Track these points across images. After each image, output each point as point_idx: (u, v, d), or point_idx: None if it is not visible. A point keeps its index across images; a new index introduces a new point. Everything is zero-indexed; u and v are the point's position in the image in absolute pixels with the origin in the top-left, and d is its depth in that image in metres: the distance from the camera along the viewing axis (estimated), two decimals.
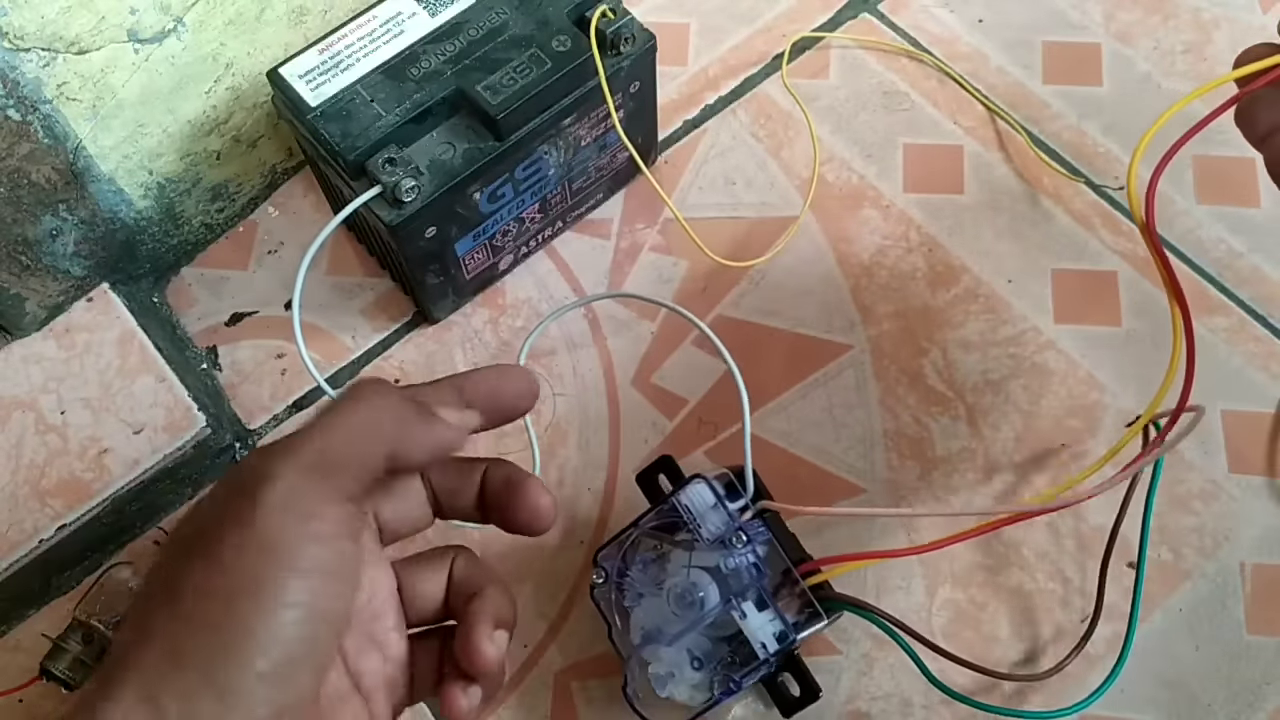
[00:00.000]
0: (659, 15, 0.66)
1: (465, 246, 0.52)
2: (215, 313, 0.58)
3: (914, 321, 0.55)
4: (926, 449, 0.52)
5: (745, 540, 0.42)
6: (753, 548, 0.43)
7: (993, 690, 0.47)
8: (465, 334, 0.57)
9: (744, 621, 0.42)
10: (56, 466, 0.51)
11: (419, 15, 0.51)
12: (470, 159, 0.48)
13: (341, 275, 0.59)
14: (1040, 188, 0.59)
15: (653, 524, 0.45)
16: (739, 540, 0.42)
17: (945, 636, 0.48)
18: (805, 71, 0.63)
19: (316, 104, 0.49)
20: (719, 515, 0.43)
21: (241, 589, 0.26)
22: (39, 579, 0.51)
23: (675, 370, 0.55)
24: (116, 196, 0.54)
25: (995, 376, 0.54)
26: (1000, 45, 0.63)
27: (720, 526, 0.43)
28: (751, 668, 0.42)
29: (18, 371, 0.53)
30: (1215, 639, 0.47)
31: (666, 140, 0.61)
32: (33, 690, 0.48)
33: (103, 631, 0.48)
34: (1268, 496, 0.50)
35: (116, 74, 0.49)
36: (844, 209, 0.59)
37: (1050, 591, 0.49)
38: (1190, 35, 0.63)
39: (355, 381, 0.32)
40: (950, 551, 0.49)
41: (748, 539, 0.42)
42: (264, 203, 0.61)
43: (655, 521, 0.45)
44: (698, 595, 0.42)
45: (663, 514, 0.44)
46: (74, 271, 0.54)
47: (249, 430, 0.55)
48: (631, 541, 0.45)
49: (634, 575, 0.45)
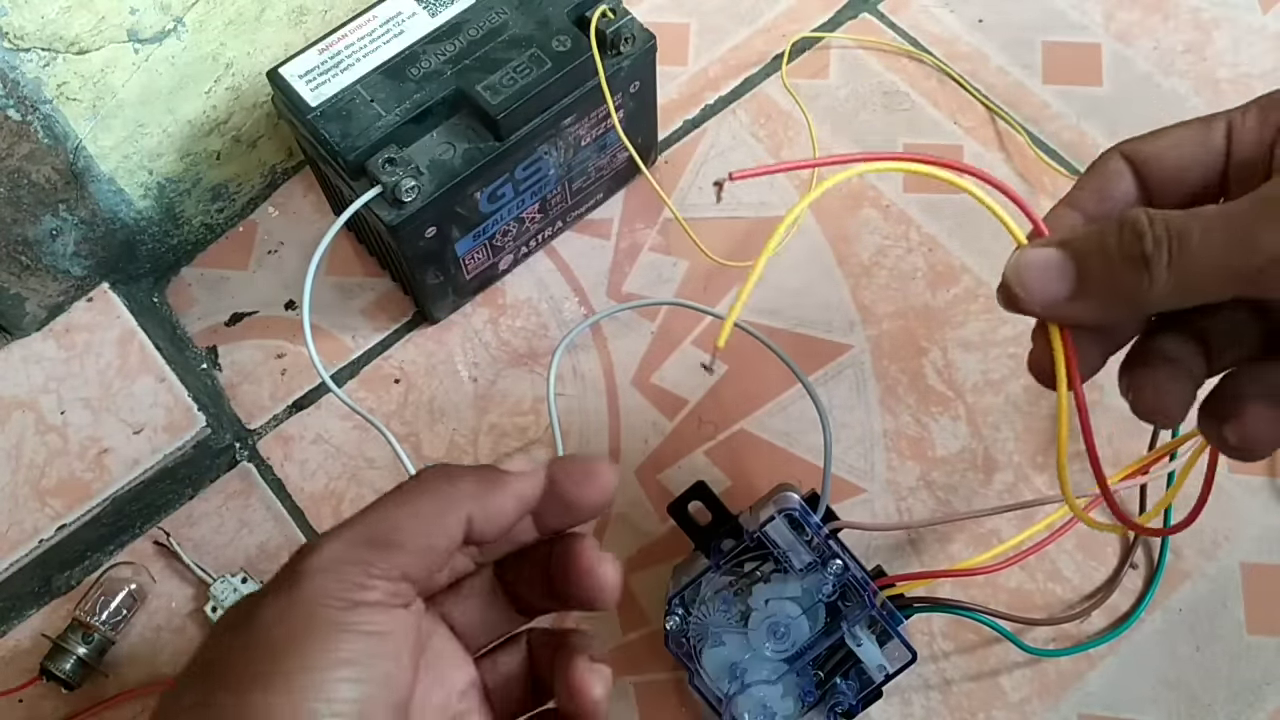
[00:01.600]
0: (659, 15, 0.66)
1: (465, 246, 0.52)
2: (215, 313, 0.58)
3: (914, 321, 0.55)
4: (926, 449, 0.52)
5: (843, 566, 0.42)
6: (850, 573, 0.42)
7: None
8: (465, 334, 0.57)
9: (859, 647, 0.41)
10: (56, 466, 0.51)
11: (419, 15, 0.51)
12: (470, 159, 0.48)
13: (341, 275, 0.58)
14: (1040, 188, 0.58)
15: (728, 561, 0.43)
16: (832, 566, 0.42)
17: (946, 637, 0.48)
18: (805, 71, 0.63)
19: (316, 104, 0.49)
20: (801, 541, 0.42)
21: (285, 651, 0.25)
22: (39, 579, 0.51)
23: (675, 370, 0.55)
24: (116, 196, 0.54)
25: (995, 377, 0.54)
26: (1000, 45, 0.63)
27: (806, 554, 0.42)
28: (870, 691, 0.41)
29: (18, 371, 0.53)
30: (1216, 639, 0.47)
31: (666, 140, 0.61)
32: (33, 690, 0.48)
33: (103, 632, 0.48)
34: (1268, 496, 0.50)
35: (116, 74, 0.49)
36: (844, 209, 0.58)
37: (1050, 591, 0.49)
38: (1190, 35, 0.63)
39: (419, 471, 0.31)
40: (950, 552, 0.50)
41: (844, 564, 0.42)
42: (264, 203, 0.61)
43: (728, 559, 0.43)
44: (792, 626, 0.42)
45: (732, 549, 0.43)
46: (74, 271, 0.54)
47: (249, 430, 0.55)
48: (701, 581, 0.43)
49: (710, 616, 0.43)
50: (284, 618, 0.26)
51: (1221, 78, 0.61)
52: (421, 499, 0.29)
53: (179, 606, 0.51)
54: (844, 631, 0.41)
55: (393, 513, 0.28)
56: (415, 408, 0.55)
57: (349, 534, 0.28)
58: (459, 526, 0.29)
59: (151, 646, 0.50)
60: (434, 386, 0.55)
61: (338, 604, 0.26)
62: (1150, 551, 0.49)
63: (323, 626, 0.26)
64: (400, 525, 0.28)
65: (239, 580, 0.49)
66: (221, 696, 0.25)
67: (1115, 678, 0.47)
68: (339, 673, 0.25)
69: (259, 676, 0.25)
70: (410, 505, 0.29)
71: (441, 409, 0.55)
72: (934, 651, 0.48)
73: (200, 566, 0.50)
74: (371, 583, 0.27)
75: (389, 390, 0.55)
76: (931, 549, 0.50)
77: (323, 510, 0.53)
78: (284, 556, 0.51)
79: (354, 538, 0.28)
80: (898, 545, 0.50)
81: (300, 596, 0.26)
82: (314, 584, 0.26)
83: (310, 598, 0.26)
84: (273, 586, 0.27)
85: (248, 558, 0.52)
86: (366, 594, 0.27)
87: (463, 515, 0.29)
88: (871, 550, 0.50)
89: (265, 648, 0.26)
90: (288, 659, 0.25)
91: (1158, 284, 0.26)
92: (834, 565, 0.42)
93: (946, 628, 0.48)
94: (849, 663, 0.42)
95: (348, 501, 0.53)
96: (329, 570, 0.27)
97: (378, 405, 0.55)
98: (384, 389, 0.55)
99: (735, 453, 0.52)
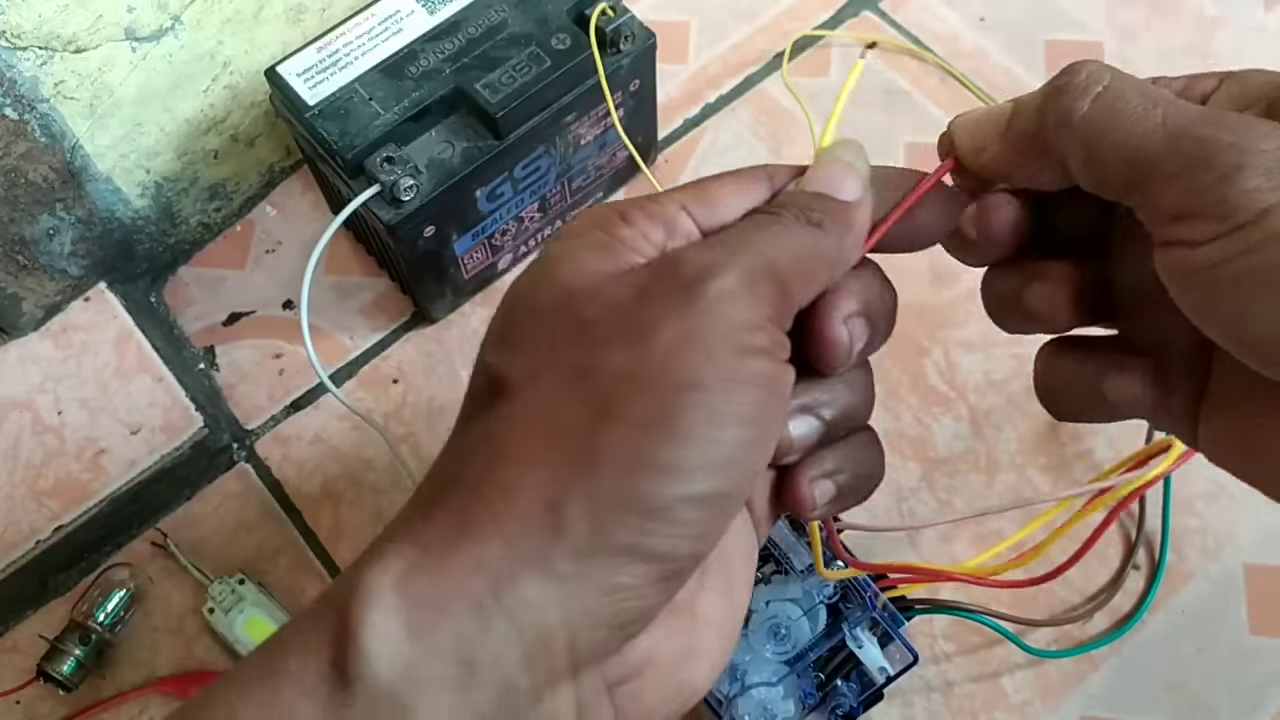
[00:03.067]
0: (659, 13, 0.65)
1: (464, 246, 0.52)
2: (213, 312, 0.58)
3: (915, 321, 0.55)
4: (928, 450, 0.52)
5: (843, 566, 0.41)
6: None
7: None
8: (464, 333, 0.56)
9: (860, 649, 0.41)
10: (53, 467, 0.51)
11: (417, 13, 0.50)
12: (469, 158, 0.48)
13: (339, 274, 0.58)
14: None
15: None
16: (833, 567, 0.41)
17: (947, 638, 0.48)
18: (806, 70, 0.63)
19: (314, 102, 0.48)
20: (802, 543, 0.42)
21: (683, 386, 0.22)
22: (36, 580, 0.51)
23: None
24: (114, 195, 0.54)
25: (997, 377, 0.53)
26: (1002, 43, 0.63)
27: (807, 555, 0.42)
28: (871, 693, 0.41)
29: (14, 372, 0.53)
30: (1218, 640, 0.47)
31: (666, 139, 0.61)
32: (30, 692, 0.48)
33: (100, 633, 0.48)
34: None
35: (114, 72, 0.49)
36: None
37: (1052, 592, 0.48)
38: (1192, 34, 0.62)
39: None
40: (952, 553, 0.49)
41: (845, 565, 0.41)
42: (262, 202, 0.61)
43: None
44: (793, 628, 0.41)
45: None
46: (71, 271, 0.54)
47: (246, 431, 0.55)
48: None
49: None
50: (687, 347, 0.22)
51: None
52: (803, 239, 0.25)
53: (177, 608, 0.50)
54: (845, 633, 0.41)
55: (787, 249, 0.25)
56: (414, 408, 0.55)
57: (746, 260, 0.24)
58: (826, 280, 0.25)
59: (149, 648, 0.50)
60: (433, 386, 0.55)
61: (737, 344, 0.22)
62: (1153, 552, 0.49)
63: (724, 369, 0.22)
64: (795, 261, 0.24)
65: (236, 581, 0.49)
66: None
67: (1117, 679, 0.47)
68: (732, 429, 0.22)
69: (640, 414, 0.22)
70: (794, 243, 0.25)
71: (440, 409, 0.54)
72: (935, 653, 0.47)
73: (198, 567, 0.50)
74: (767, 326, 0.23)
75: (387, 390, 0.55)
76: (933, 550, 0.50)
77: (321, 511, 0.52)
78: (283, 557, 0.51)
79: (754, 267, 0.24)
80: (899, 546, 0.50)
81: (701, 329, 0.22)
82: (718, 312, 0.22)
83: (712, 331, 0.22)
84: (660, 295, 0.23)
85: (246, 559, 0.51)
86: (761, 337, 0.23)
87: (828, 271, 0.25)
88: (873, 552, 0.50)
89: (661, 379, 0.22)
90: (690, 394, 0.22)
91: (1075, 125, 0.25)
92: (835, 567, 0.42)
93: (948, 629, 0.48)
94: (850, 664, 0.42)
95: (346, 502, 0.53)
96: (730, 304, 0.23)
97: (376, 405, 0.55)
98: (382, 389, 0.55)
99: None
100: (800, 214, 0.26)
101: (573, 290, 0.24)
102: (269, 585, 0.50)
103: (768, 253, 0.24)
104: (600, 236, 0.25)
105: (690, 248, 0.25)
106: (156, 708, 0.48)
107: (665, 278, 0.24)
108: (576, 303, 0.24)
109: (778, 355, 0.24)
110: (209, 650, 0.49)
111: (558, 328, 0.24)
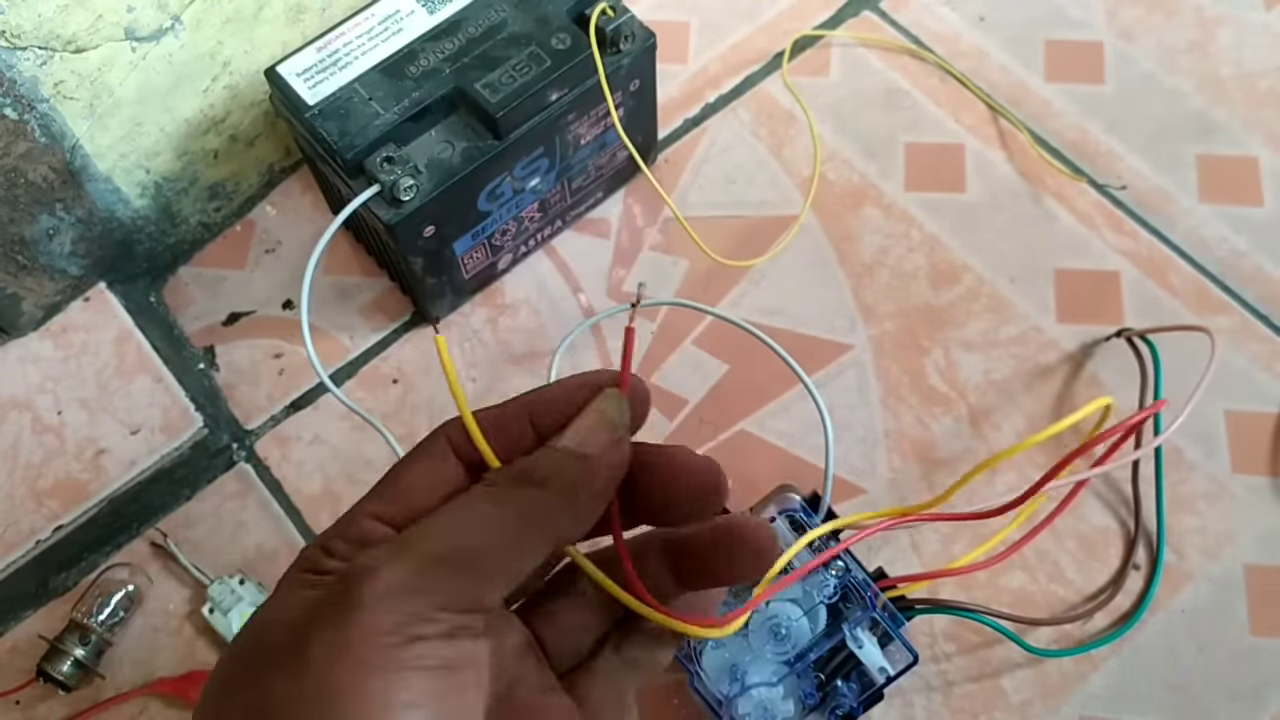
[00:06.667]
0: (659, 13, 0.65)
1: (464, 245, 0.52)
2: (212, 312, 0.58)
3: (916, 321, 0.55)
4: (928, 449, 0.52)
5: (844, 566, 0.41)
6: (851, 574, 0.42)
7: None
8: (464, 333, 0.56)
9: (860, 649, 0.41)
10: (53, 467, 0.51)
11: (417, 13, 0.50)
12: (469, 158, 0.48)
13: (339, 274, 0.58)
14: (1042, 186, 0.58)
15: None
16: (836, 567, 0.41)
17: (948, 638, 0.48)
18: (806, 69, 0.63)
19: (314, 102, 0.48)
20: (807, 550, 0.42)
21: (337, 697, 0.22)
22: (36, 580, 0.51)
23: (675, 370, 0.55)
24: (113, 195, 0.54)
25: (997, 376, 0.53)
26: (1002, 43, 0.63)
27: (808, 555, 0.41)
28: (871, 693, 0.41)
29: (14, 371, 0.53)
30: (1218, 640, 0.47)
31: (666, 139, 0.61)
32: (29, 691, 0.48)
33: (100, 633, 0.48)
34: (1271, 497, 0.50)
35: (114, 72, 0.49)
36: (845, 208, 0.58)
37: (1052, 592, 0.48)
38: (1193, 33, 0.62)
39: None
40: (952, 553, 0.49)
41: (845, 565, 0.42)
42: (262, 202, 0.61)
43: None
44: (793, 628, 0.41)
45: None
46: (71, 271, 0.54)
47: (246, 431, 0.55)
48: None
49: None
50: (336, 657, 0.23)
51: (1225, 76, 0.61)
52: (506, 509, 0.26)
53: (176, 608, 0.50)
54: (845, 633, 0.41)
55: (470, 525, 0.25)
56: (413, 408, 0.55)
57: (417, 551, 0.24)
58: (547, 544, 0.26)
59: (149, 648, 0.50)
60: (432, 386, 0.55)
61: (395, 640, 0.23)
62: (1153, 552, 0.49)
63: (379, 669, 0.22)
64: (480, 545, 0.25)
65: (236, 581, 0.49)
66: None
67: (1117, 679, 0.46)
68: (402, 718, 0.22)
69: None
70: (495, 515, 0.26)
71: (440, 409, 0.54)
72: (935, 653, 0.47)
73: (198, 568, 0.50)
74: (437, 615, 0.23)
75: (387, 390, 0.55)
76: (933, 550, 0.50)
77: (320, 511, 0.52)
78: (282, 558, 0.51)
79: (425, 556, 0.24)
80: (899, 546, 0.50)
81: (351, 637, 0.23)
82: (367, 620, 0.23)
83: (361, 638, 0.23)
84: (322, 611, 0.24)
85: (245, 559, 0.51)
86: (429, 627, 0.23)
87: (552, 532, 0.26)
88: (873, 552, 0.50)
89: (316, 696, 0.22)
90: (344, 703, 0.22)
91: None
92: (835, 566, 0.42)
93: (948, 629, 0.48)
94: (850, 664, 0.42)
95: (345, 502, 0.52)
96: (386, 603, 0.23)
97: (376, 405, 0.55)
98: (382, 389, 0.55)
99: (736, 453, 0.52)
100: (521, 478, 0.27)
101: (265, 627, 0.25)
102: (269, 585, 0.50)
103: (449, 538, 0.25)
104: (305, 578, 0.25)
105: (365, 554, 0.25)
106: (156, 708, 0.48)
107: (332, 592, 0.24)
108: (264, 638, 0.25)
109: (460, 636, 0.24)
110: (209, 650, 0.49)
111: (241, 672, 0.24)
